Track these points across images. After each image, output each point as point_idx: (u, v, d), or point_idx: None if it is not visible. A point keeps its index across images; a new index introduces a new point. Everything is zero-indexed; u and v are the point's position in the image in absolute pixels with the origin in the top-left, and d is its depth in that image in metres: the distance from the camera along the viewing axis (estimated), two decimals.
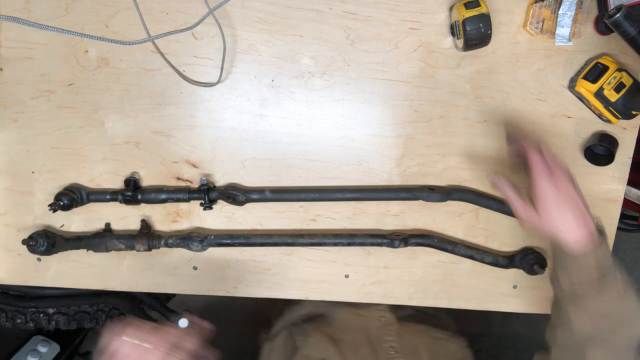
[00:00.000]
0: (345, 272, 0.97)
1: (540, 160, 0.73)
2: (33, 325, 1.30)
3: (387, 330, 0.92)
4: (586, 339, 0.70)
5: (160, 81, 0.87)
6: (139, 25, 0.84)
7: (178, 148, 0.90)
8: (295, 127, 0.90)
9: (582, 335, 0.70)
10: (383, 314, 0.96)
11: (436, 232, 0.96)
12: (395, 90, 0.89)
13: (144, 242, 0.89)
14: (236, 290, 0.97)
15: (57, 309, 1.23)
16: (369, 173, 0.93)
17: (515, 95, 0.90)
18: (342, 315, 0.96)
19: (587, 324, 0.70)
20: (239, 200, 0.89)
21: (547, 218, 0.71)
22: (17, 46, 0.85)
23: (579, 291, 0.70)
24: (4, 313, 1.27)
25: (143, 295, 1.34)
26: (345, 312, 0.97)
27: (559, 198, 0.71)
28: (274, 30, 0.86)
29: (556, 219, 0.71)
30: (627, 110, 0.84)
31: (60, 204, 0.86)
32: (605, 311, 0.69)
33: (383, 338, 0.91)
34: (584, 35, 0.86)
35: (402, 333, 0.91)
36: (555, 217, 0.71)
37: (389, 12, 0.86)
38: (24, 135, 0.89)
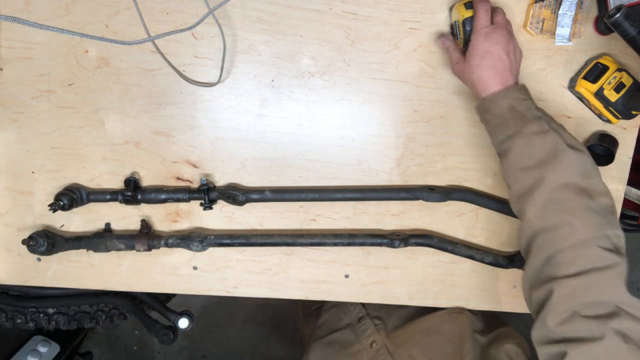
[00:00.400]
0: (345, 272, 0.97)
1: (484, 15, 0.76)
2: (33, 325, 1.30)
3: (379, 356, 0.91)
4: (521, 194, 0.70)
5: (160, 81, 0.87)
6: (139, 25, 0.84)
7: (178, 148, 0.90)
8: (295, 127, 0.90)
9: (519, 192, 0.71)
10: (373, 338, 0.94)
11: (436, 232, 0.96)
12: (395, 90, 0.89)
13: (144, 242, 0.89)
14: (236, 290, 0.97)
15: (57, 309, 1.23)
16: (369, 173, 0.93)
17: None
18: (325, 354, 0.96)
19: (519, 179, 0.71)
20: (239, 200, 0.89)
21: (469, 68, 0.77)
22: (17, 46, 0.85)
23: (504, 145, 0.73)
24: (4, 313, 1.28)
25: (143, 295, 1.34)
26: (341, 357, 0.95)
27: (484, 53, 0.75)
28: (274, 30, 0.86)
29: (475, 70, 0.76)
30: (627, 110, 0.84)
31: (60, 204, 0.86)
32: (528, 155, 0.70)
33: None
34: (584, 35, 0.86)
35: (395, 348, 0.90)
36: (475, 69, 0.76)
37: (389, 12, 0.86)
38: (24, 135, 0.89)
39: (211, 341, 2.15)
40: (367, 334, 0.96)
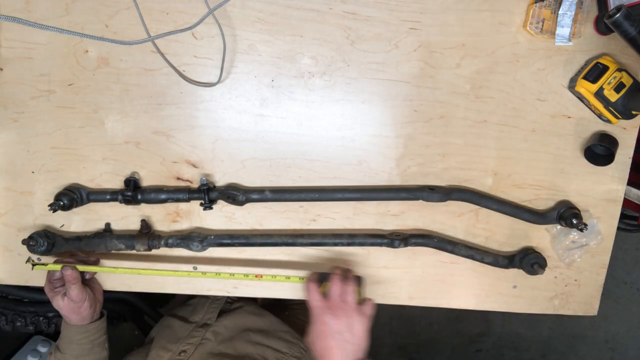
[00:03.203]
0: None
1: (313, 293, 0.83)
2: (33, 328, 1.30)
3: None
4: None
5: (160, 81, 0.87)
6: (139, 25, 0.84)
7: (178, 148, 0.90)
8: (295, 127, 0.90)
9: None
10: (187, 348, 0.92)
11: (436, 232, 0.96)
12: (395, 90, 0.89)
13: (144, 242, 0.89)
14: (236, 291, 0.97)
15: (56, 312, 1.23)
16: (369, 173, 0.93)
17: (515, 95, 0.90)
18: (154, 346, 0.95)
19: None
20: (239, 200, 0.89)
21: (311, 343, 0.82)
22: (17, 46, 0.85)
23: None
24: (4, 317, 1.28)
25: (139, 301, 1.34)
26: (157, 345, 0.95)
27: (318, 333, 0.80)
28: (274, 30, 0.86)
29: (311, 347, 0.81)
30: (627, 110, 0.84)
31: (60, 204, 0.86)
32: None
33: None
34: (584, 35, 0.86)
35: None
36: (311, 345, 0.81)
37: (389, 12, 0.86)
38: (24, 135, 0.89)
39: None
40: (191, 341, 0.95)
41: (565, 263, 0.96)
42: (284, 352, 0.97)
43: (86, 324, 0.91)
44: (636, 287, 2.29)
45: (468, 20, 0.86)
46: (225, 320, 1.01)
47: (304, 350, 1.00)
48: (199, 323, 1.01)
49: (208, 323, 1.01)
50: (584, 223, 0.89)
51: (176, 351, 0.92)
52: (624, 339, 2.35)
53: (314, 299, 0.82)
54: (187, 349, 0.92)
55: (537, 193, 0.94)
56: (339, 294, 0.82)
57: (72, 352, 0.91)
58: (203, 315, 1.03)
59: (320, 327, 0.80)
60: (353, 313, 0.80)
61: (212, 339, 0.96)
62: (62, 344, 0.92)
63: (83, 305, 0.88)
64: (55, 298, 0.88)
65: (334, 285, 0.82)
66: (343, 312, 0.80)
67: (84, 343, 0.91)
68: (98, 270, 0.90)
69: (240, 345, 0.95)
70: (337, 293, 0.82)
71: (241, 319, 1.03)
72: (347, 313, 0.80)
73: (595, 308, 1.01)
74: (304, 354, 0.99)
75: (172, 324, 1.03)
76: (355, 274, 0.87)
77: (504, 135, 0.91)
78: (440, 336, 2.27)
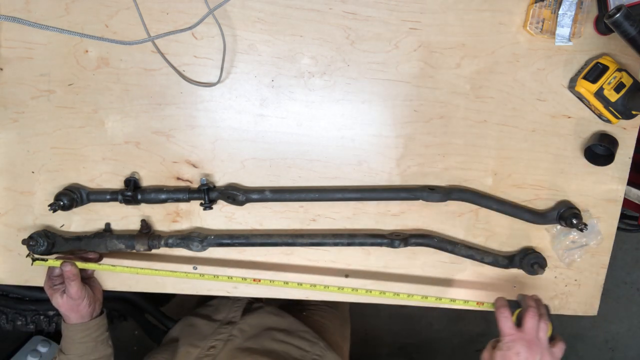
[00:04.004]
0: (345, 272, 0.97)
1: (505, 323, 0.82)
2: (33, 327, 1.30)
3: (204, 358, 0.90)
4: None
5: (160, 81, 0.87)
6: (139, 25, 0.84)
7: (178, 148, 0.90)
8: (295, 127, 0.90)
9: None
10: (216, 344, 0.94)
11: (436, 232, 0.96)
12: (395, 90, 0.89)
13: (144, 242, 0.89)
14: (236, 291, 0.97)
15: (57, 311, 1.23)
16: (369, 173, 0.93)
17: (515, 95, 0.90)
18: (181, 344, 0.96)
19: None
20: (239, 200, 0.89)
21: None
22: (17, 46, 0.85)
23: None
24: (4, 315, 1.28)
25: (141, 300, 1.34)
26: (184, 343, 0.96)
27: None
28: (274, 30, 0.86)
29: None
30: (627, 110, 0.84)
31: (60, 204, 0.86)
32: None
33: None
34: (584, 35, 0.86)
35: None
36: None
37: (389, 12, 0.86)
38: (24, 135, 0.89)
39: None
40: (217, 337, 0.96)
41: (565, 263, 0.96)
42: (306, 350, 0.98)
43: (86, 322, 0.91)
44: (636, 287, 2.29)
45: (468, 20, 0.86)
46: (249, 318, 1.03)
47: (325, 350, 1.01)
48: (223, 321, 1.02)
49: (233, 321, 1.02)
50: (584, 223, 0.89)
51: (205, 347, 0.93)
52: (624, 339, 2.35)
53: (508, 326, 0.82)
54: (215, 344, 0.94)
55: (537, 193, 0.94)
56: (534, 329, 0.81)
57: (76, 352, 0.91)
58: (227, 314, 1.05)
59: (510, 355, 0.79)
60: (546, 352, 0.80)
61: (238, 336, 0.97)
62: (65, 344, 0.92)
63: (82, 302, 0.88)
64: (55, 296, 0.88)
65: (530, 318, 0.81)
66: (538, 348, 0.80)
67: (86, 341, 0.91)
68: (97, 267, 0.90)
69: (265, 342, 0.96)
70: (533, 327, 0.81)
71: (263, 318, 1.04)
72: (541, 350, 0.80)
73: (595, 308, 1.01)
74: (325, 353, 1.00)
75: (195, 323, 1.04)
76: (544, 303, 0.87)
77: (504, 135, 0.91)
78: (440, 336, 2.27)
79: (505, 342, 0.81)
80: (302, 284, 0.91)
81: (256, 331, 0.99)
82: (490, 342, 0.85)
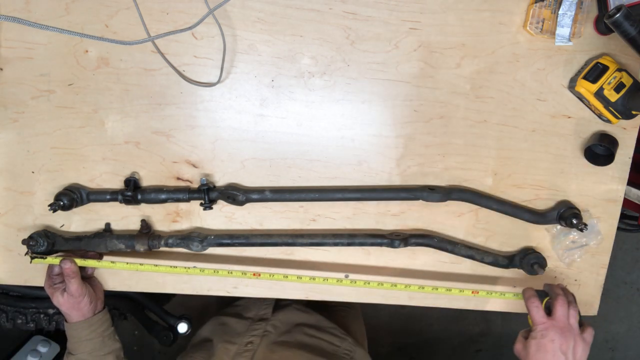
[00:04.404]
0: (345, 272, 0.97)
1: (536, 312, 0.83)
2: (33, 325, 1.30)
3: (242, 356, 0.91)
4: None
5: (160, 81, 0.87)
6: (139, 25, 0.84)
7: (178, 148, 0.90)
8: (295, 127, 0.90)
9: None
10: (253, 340, 0.95)
11: (436, 232, 0.96)
12: (395, 90, 0.89)
13: (144, 242, 0.89)
14: (236, 290, 0.97)
15: (57, 310, 1.23)
16: (369, 173, 0.93)
17: (515, 95, 0.90)
18: (217, 343, 0.97)
19: None
20: (239, 200, 0.89)
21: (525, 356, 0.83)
22: (17, 46, 0.85)
23: None
24: (4, 314, 1.27)
25: (142, 297, 1.34)
26: (220, 340, 0.97)
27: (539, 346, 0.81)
28: (274, 30, 0.86)
29: None
30: (627, 110, 0.84)
31: (60, 204, 0.86)
32: None
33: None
34: (584, 35, 0.86)
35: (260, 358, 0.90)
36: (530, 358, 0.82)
37: (389, 12, 0.86)
38: (24, 135, 0.89)
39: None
40: (254, 333, 0.98)
41: (565, 263, 0.96)
42: (337, 345, 1.00)
43: (89, 318, 0.90)
44: (636, 287, 2.29)
45: (468, 20, 0.86)
46: (280, 315, 1.04)
47: (353, 345, 1.02)
48: (254, 318, 1.03)
49: (264, 318, 1.03)
50: (584, 223, 0.89)
51: (242, 343, 0.94)
52: (624, 339, 2.35)
53: (540, 315, 0.83)
54: (252, 340, 0.95)
55: (537, 193, 0.94)
56: (565, 316, 0.82)
57: (85, 349, 0.90)
58: (257, 312, 1.06)
59: (545, 343, 0.81)
60: (578, 338, 0.82)
61: (272, 331, 0.98)
62: (72, 345, 0.91)
63: (83, 300, 0.88)
64: (55, 294, 0.88)
65: (560, 306, 0.83)
66: (570, 335, 0.81)
67: (93, 337, 0.90)
68: (97, 265, 0.90)
69: (298, 337, 0.98)
70: (564, 314, 0.82)
71: (293, 314, 1.05)
72: (574, 336, 0.82)
73: (595, 308, 1.01)
74: (354, 348, 1.01)
75: (226, 322, 1.05)
76: (570, 292, 0.89)
77: (504, 135, 0.91)
78: (440, 336, 2.27)
79: (538, 331, 0.82)
80: (301, 277, 0.91)
81: (288, 327, 1.01)
82: (520, 333, 0.87)
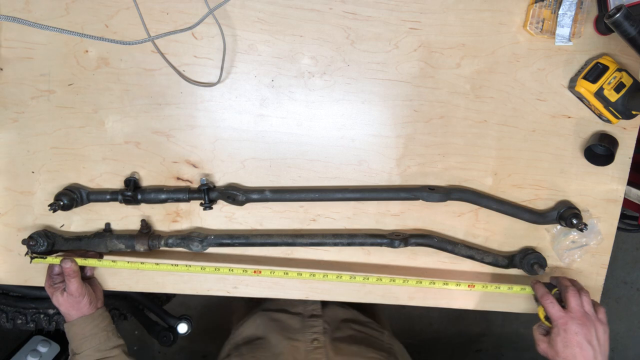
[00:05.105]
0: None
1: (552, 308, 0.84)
2: (33, 325, 1.30)
3: (316, 353, 0.91)
4: None
5: (160, 81, 0.87)
6: (139, 25, 0.84)
7: (178, 148, 0.90)
8: (295, 127, 0.90)
9: None
10: (317, 337, 0.96)
11: (436, 232, 0.96)
12: (395, 90, 0.89)
13: (144, 242, 0.89)
14: (236, 290, 0.97)
15: (57, 310, 1.23)
16: (369, 173, 0.93)
17: (515, 95, 0.90)
18: (277, 340, 0.96)
19: None
20: (239, 200, 0.89)
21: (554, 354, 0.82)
22: (17, 46, 0.85)
23: None
24: (4, 314, 1.28)
25: (142, 297, 1.34)
26: (280, 337, 0.97)
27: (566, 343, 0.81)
28: (274, 30, 0.86)
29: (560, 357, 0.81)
30: (627, 110, 0.84)
31: (60, 204, 0.86)
32: None
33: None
34: (584, 35, 0.86)
35: (333, 355, 0.91)
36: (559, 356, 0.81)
37: (389, 12, 0.86)
38: (24, 135, 0.89)
39: (211, 341, 2.15)
40: (314, 330, 0.98)
41: (565, 263, 0.96)
42: (380, 339, 1.00)
43: (90, 314, 0.90)
44: (636, 287, 2.29)
45: (468, 20, 0.86)
46: (327, 311, 1.05)
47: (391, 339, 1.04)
48: (305, 314, 1.03)
49: (316, 314, 1.03)
50: (584, 223, 0.89)
51: (306, 340, 0.95)
52: (624, 339, 2.35)
53: (557, 309, 0.83)
54: (316, 337, 0.95)
55: (537, 193, 0.94)
56: (580, 305, 0.83)
57: (90, 345, 0.89)
58: (305, 307, 1.06)
59: (569, 337, 0.81)
60: (597, 323, 0.83)
61: (328, 327, 0.99)
62: (76, 344, 0.90)
63: (83, 300, 0.88)
64: (55, 294, 0.88)
65: (573, 297, 0.83)
66: (590, 322, 0.82)
67: (97, 332, 0.90)
68: (98, 264, 0.90)
69: (350, 333, 0.98)
70: (578, 304, 0.83)
71: (336, 310, 1.06)
72: (593, 323, 0.82)
73: None
74: (393, 342, 1.03)
75: (278, 317, 1.05)
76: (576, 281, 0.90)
77: (504, 135, 0.91)
78: (440, 336, 2.27)
79: (559, 327, 0.82)
80: (301, 274, 0.91)
81: (336, 323, 1.01)
82: (536, 331, 0.87)
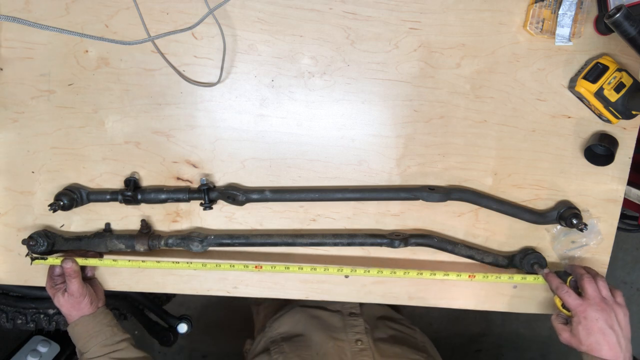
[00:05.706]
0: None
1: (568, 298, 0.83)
2: (33, 325, 1.30)
3: (363, 355, 0.91)
4: None
5: (160, 81, 0.87)
6: (139, 25, 0.84)
7: (178, 148, 0.90)
8: (295, 127, 0.90)
9: None
10: (360, 337, 0.95)
11: (436, 232, 0.96)
12: (395, 90, 0.89)
13: (144, 242, 0.89)
14: (236, 290, 0.97)
15: (57, 310, 1.23)
16: (369, 173, 0.93)
17: (515, 95, 0.90)
18: (319, 339, 0.96)
19: None
20: (239, 200, 0.89)
21: (577, 342, 0.82)
22: (17, 46, 0.85)
23: None
24: (4, 314, 1.28)
25: (143, 298, 1.34)
26: (322, 336, 0.96)
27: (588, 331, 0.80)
28: (274, 30, 0.86)
29: (584, 345, 0.81)
30: (627, 110, 0.84)
31: (60, 204, 0.86)
32: None
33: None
34: (584, 35, 0.86)
35: (379, 357, 0.90)
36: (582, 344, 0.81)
37: (389, 12, 0.86)
38: (24, 135, 0.89)
39: (211, 341, 2.15)
40: (357, 330, 0.98)
41: (565, 263, 0.96)
42: (415, 337, 1.01)
43: (91, 313, 0.89)
44: (636, 287, 2.29)
45: (468, 20, 0.86)
46: (364, 308, 1.05)
47: (422, 335, 1.04)
48: (344, 312, 1.03)
49: (354, 312, 1.03)
50: (584, 223, 0.89)
51: (350, 340, 0.95)
52: None
53: (574, 298, 0.83)
54: (359, 338, 0.95)
55: (537, 193, 0.94)
56: (597, 291, 0.82)
57: (97, 342, 0.89)
58: (342, 304, 1.06)
59: (590, 324, 0.80)
60: (616, 306, 0.82)
61: (368, 327, 0.99)
62: (82, 343, 0.89)
63: (83, 300, 0.88)
64: (57, 295, 0.88)
65: (588, 284, 0.83)
66: (608, 307, 0.81)
67: (101, 328, 0.90)
68: (98, 263, 0.90)
69: (388, 331, 0.99)
70: (595, 290, 0.82)
71: (372, 308, 1.06)
72: (611, 307, 0.82)
73: None
74: (424, 339, 1.03)
75: (317, 314, 1.04)
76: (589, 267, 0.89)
77: (504, 135, 0.91)
78: (440, 336, 2.27)
79: (579, 315, 0.81)
80: (302, 268, 0.91)
81: (374, 321, 1.02)
82: (555, 321, 0.87)
